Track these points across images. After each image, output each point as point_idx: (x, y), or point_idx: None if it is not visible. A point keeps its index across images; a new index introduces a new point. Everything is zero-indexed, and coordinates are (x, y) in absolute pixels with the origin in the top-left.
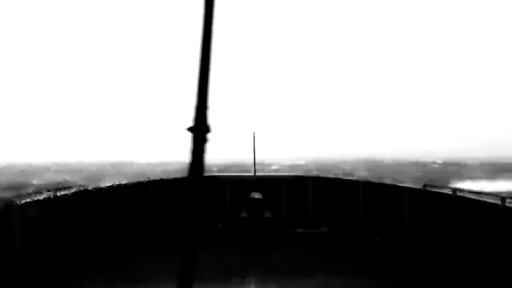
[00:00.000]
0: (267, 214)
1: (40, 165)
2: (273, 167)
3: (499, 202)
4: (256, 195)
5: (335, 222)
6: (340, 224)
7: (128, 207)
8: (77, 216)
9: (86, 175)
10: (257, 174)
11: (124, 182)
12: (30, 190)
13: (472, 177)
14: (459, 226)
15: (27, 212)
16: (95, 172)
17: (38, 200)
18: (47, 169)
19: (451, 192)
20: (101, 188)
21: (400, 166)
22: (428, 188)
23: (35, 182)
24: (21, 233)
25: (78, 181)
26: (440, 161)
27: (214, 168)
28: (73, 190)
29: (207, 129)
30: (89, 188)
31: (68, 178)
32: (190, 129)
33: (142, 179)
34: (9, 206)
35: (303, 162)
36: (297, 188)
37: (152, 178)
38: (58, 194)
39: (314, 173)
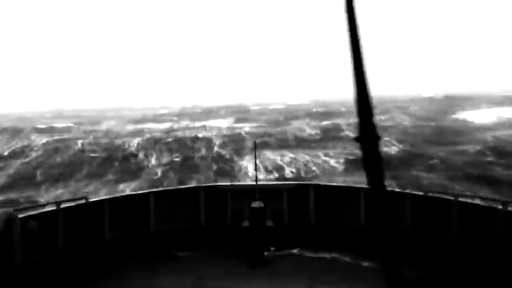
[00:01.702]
0: (269, 223)
1: (42, 112)
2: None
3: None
4: (257, 204)
5: (336, 231)
6: (340, 233)
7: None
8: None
9: (86, 120)
10: (258, 182)
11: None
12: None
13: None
14: (461, 231)
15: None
16: (96, 116)
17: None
18: (46, 117)
19: (452, 198)
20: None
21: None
22: (430, 194)
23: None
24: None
25: (78, 126)
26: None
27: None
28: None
29: (377, 137)
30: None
31: (70, 123)
32: (357, 139)
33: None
34: (10, 220)
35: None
36: (298, 196)
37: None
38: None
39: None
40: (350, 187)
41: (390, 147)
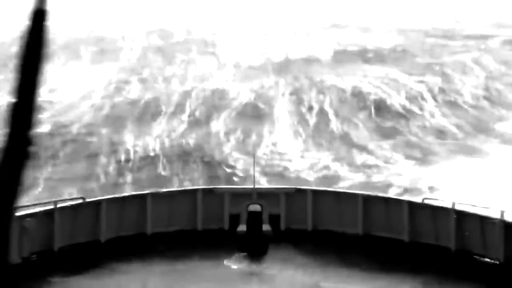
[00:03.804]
0: (266, 227)
1: None
2: None
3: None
4: (255, 208)
5: (332, 239)
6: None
7: None
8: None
9: None
10: (256, 186)
11: None
12: None
13: None
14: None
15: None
16: None
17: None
18: None
19: (450, 206)
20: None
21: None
22: (427, 201)
23: None
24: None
25: None
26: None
27: None
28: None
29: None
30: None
31: None
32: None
33: None
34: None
35: None
36: (296, 200)
37: None
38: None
39: None
40: (348, 193)
41: None
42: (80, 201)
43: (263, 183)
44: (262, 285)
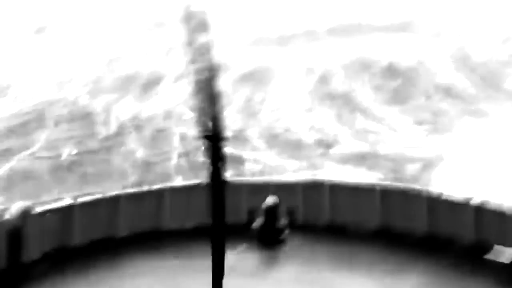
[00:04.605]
0: (283, 221)
1: None
2: None
3: None
4: (271, 201)
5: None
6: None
7: None
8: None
9: None
10: (272, 177)
11: None
12: None
13: None
14: None
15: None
16: None
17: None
18: None
19: (467, 200)
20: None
21: None
22: (445, 196)
23: None
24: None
25: None
26: None
27: None
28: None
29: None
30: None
31: None
32: (206, 137)
33: None
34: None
35: None
36: (313, 194)
37: None
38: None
39: None
40: (365, 185)
41: None
42: (100, 196)
43: (262, 146)
44: (273, 279)
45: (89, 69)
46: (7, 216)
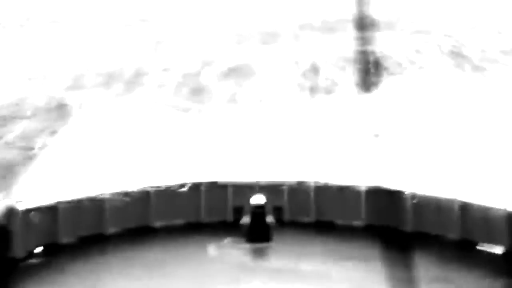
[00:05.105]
0: (270, 219)
1: None
2: None
3: None
4: (258, 199)
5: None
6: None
7: None
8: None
9: None
10: (259, 178)
11: None
12: None
13: None
14: None
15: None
16: None
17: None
18: None
19: (455, 198)
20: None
21: None
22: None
23: None
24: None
25: None
26: None
27: None
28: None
29: None
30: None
31: None
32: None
33: None
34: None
35: None
36: (299, 193)
37: None
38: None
39: None
40: (350, 187)
41: None
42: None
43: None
44: (264, 276)
45: (71, 64)
46: None
